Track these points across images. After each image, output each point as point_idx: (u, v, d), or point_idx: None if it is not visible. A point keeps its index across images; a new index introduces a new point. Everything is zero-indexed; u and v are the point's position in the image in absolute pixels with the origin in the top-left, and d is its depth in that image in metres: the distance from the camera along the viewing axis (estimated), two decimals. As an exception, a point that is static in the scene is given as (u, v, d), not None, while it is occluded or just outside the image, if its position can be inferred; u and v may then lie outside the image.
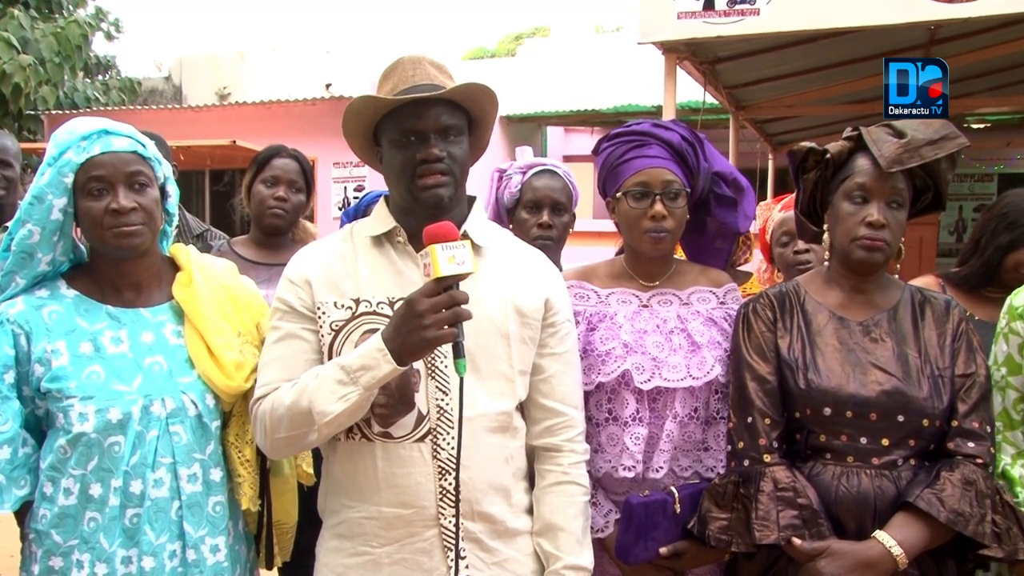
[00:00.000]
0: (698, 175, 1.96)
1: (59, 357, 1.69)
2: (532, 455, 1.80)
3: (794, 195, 2.86)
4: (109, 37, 14.26)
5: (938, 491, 1.69)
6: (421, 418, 1.65)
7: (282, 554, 2.02)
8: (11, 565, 1.89)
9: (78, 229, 1.77)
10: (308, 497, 2.03)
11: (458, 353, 1.51)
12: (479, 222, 1.77)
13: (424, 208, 1.65)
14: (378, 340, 1.54)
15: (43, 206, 1.69)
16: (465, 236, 1.66)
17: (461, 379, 1.53)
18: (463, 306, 1.50)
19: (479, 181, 2.37)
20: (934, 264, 10.20)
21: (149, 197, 1.74)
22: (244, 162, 2.96)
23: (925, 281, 2.80)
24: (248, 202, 2.89)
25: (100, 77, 14.91)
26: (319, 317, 1.68)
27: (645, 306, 1.99)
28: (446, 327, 1.49)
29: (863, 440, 1.77)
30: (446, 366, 1.65)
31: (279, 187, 2.82)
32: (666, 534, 1.86)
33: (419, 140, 1.64)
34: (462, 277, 1.51)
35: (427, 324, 1.48)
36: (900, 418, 1.76)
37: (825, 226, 1.92)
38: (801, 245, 2.74)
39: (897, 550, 1.67)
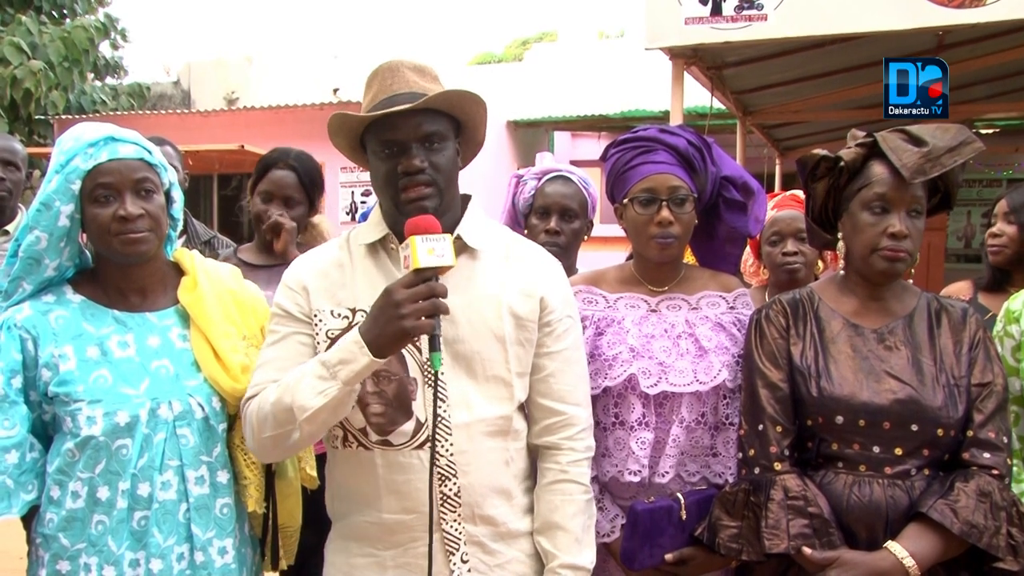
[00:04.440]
0: (706, 180, 1.95)
1: (66, 361, 1.69)
2: (535, 454, 1.79)
3: (784, 195, 2.88)
4: (115, 46, 14.34)
5: (952, 502, 1.67)
6: (419, 426, 1.65)
7: (287, 556, 2.03)
8: (20, 567, 1.89)
9: (84, 235, 1.77)
10: (310, 499, 2.03)
11: (434, 346, 1.51)
12: (474, 223, 1.74)
13: (408, 219, 1.63)
14: (355, 333, 1.53)
15: (50, 212, 1.69)
16: (459, 240, 1.67)
17: (436, 373, 1.52)
18: (442, 300, 1.50)
19: (497, 187, 2.36)
20: (943, 270, 10.16)
21: (155, 203, 1.75)
22: (252, 167, 2.94)
23: (959, 287, 2.89)
24: (252, 208, 2.87)
25: (109, 80, 14.97)
26: (315, 325, 1.68)
27: (654, 311, 1.98)
28: (423, 318, 1.48)
29: (876, 449, 1.75)
30: (443, 373, 1.63)
31: (272, 204, 2.73)
32: (672, 540, 1.85)
33: (400, 151, 1.63)
34: (442, 270, 1.51)
35: (404, 314, 1.47)
36: (914, 427, 1.74)
37: (839, 234, 1.90)
38: (790, 247, 2.74)
39: (909, 561, 1.65)
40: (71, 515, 1.68)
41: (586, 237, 2.56)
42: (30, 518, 1.74)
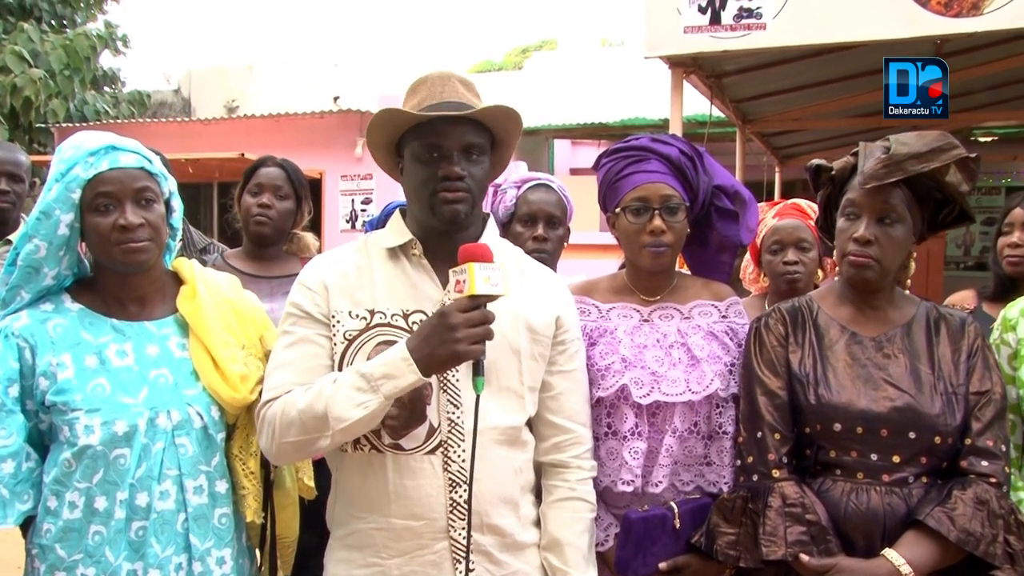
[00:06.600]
0: (698, 189, 1.96)
1: (64, 370, 1.69)
2: (539, 470, 1.80)
3: (785, 203, 2.89)
4: (116, 52, 14.36)
5: (949, 510, 1.68)
6: (432, 431, 1.65)
7: (284, 567, 2.03)
8: (16, 578, 1.88)
9: (83, 244, 1.77)
10: (311, 501, 2.04)
11: (478, 371, 1.53)
12: (492, 239, 1.78)
13: (441, 223, 1.67)
14: (403, 350, 1.54)
15: (50, 221, 1.69)
16: None
17: (478, 397, 1.54)
18: (489, 326, 1.52)
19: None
20: (942, 277, 10.16)
21: (156, 213, 1.75)
22: (251, 175, 2.97)
23: (963, 296, 2.88)
24: (239, 213, 2.90)
25: (107, 89, 14.99)
26: (333, 325, 1.68)
27: (646, 320, 1.99)
28: (475, 344, 1.50)
29: (874, 456, 1.76)
30: (458, 379, 1.65)
31: (263, 195, 2.81)
32: (665, 549, 1.86)
33: (441, 157, 1.65)
34: (494, 298, 1.53)
35: (459, 337, 1.49)
36: (911, 435, 1.74)
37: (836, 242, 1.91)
38: (790, 256, 2.74)
39: (906, 569, 1.66)
40: (68, 525, 1.67)
41: (565, 244, 2.58)
42: (28, 527, 1.73)
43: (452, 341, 1.50)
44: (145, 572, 1.68)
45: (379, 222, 2.83)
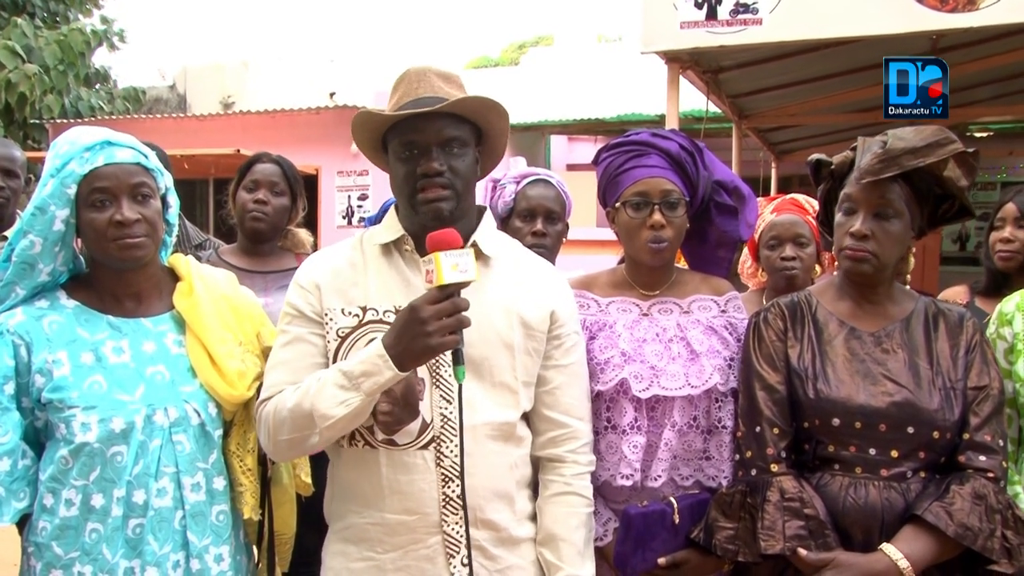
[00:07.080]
0: (697, 184, 1.96)
1: (60, 367, 1.68)
2: (537, 464, 1.80)
3: (783, 198, 2.90)
4: (113, 47, 14.33)
5: (947, 504, 1.68)
6: (425, 426, 1.65)
7: (281, 564, 2.03)
8: (13, 575, 1.88)
9: (78, 240, 1.76)
10: (312, 500, 2.03)
11: (458, 360, 1.53)
12: (489, 233, 1.77)
13: (425, 221, 1.66)
14: (379, 346, 1.54)
15: (45, 217, 1.68)
16: (474, 246, 1.68)
17: (460, 386, 1.54)
18: (464, 313, 1.51)
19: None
20: (938, 272, 10.18)
21: (152, 208, 1.74)
22: (247, 171, 2.96)
23: (955, 291, 2.89)
24: (234, 209, 2.90)
25: (98, 87, 14.94)
26: (326, 323, 1.69)
27: (645, 315, 1.99)
28: (448, 334, 1.49)
29: (872, 451, 1.76)
30: (450, 375, 1.65)
31: (259, 191, 2.82)
32: (664, 544, 1.86)
33: (420, 153, 1.65)
34: (465, 285, 1.52)
35: (430, 331, 1.49)
36: (910, 429, 1.75)
37: None
38: (788, 251, 2.75)
39: (904, 563, 1.66)
40: (65, 523, 1.67)
41: (564, 239, 2.58)
42: (24, 525, 1.73)
43: (424, 335, 1.49)
44: (143, 569, 1.68)
45: (378, 218, 2.84)
